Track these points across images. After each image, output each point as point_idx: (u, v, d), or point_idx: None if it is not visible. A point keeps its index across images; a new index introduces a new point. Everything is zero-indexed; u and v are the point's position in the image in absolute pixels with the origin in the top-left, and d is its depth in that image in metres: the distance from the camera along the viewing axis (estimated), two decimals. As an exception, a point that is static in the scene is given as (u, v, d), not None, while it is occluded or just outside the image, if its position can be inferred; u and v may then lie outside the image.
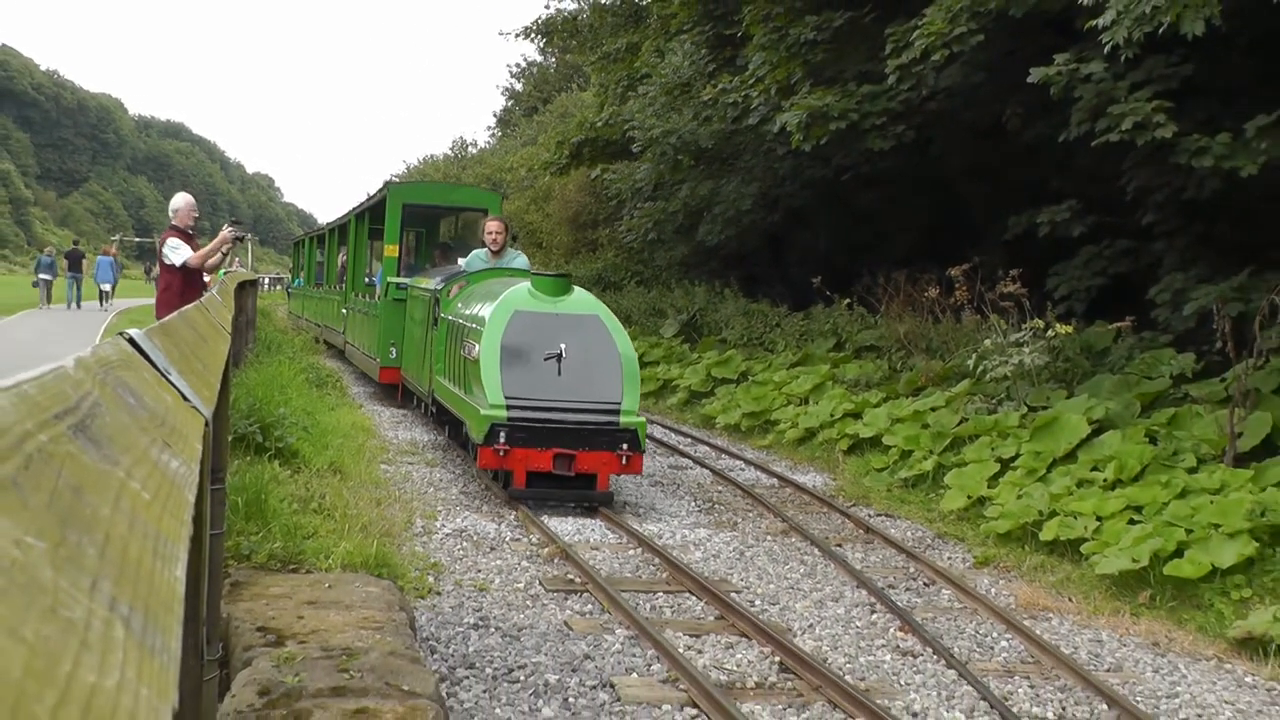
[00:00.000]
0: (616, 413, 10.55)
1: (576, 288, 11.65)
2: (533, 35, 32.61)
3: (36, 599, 0.67)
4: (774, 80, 17.07)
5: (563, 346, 10.53)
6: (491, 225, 14.69)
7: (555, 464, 10.36)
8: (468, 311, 12.09)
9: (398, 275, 17.63)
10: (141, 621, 0.83)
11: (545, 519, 9.95)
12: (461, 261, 15.06)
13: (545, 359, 10.55)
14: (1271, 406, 10.37)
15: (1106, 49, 10.19)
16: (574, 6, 30.48)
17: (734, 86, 18.62)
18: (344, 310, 22.85)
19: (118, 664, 0.72)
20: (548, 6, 32.81)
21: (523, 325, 10.75)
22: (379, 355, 17.43)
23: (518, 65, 69.04)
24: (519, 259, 14.44)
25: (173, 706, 0.77)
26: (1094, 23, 10.10)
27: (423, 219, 21.57)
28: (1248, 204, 12.41)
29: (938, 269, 15.62)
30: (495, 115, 68.38)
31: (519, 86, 64.52)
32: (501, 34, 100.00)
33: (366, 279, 22.02)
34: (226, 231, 13.16)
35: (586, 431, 10.44)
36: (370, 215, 21.24)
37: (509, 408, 10.36)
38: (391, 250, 18.27)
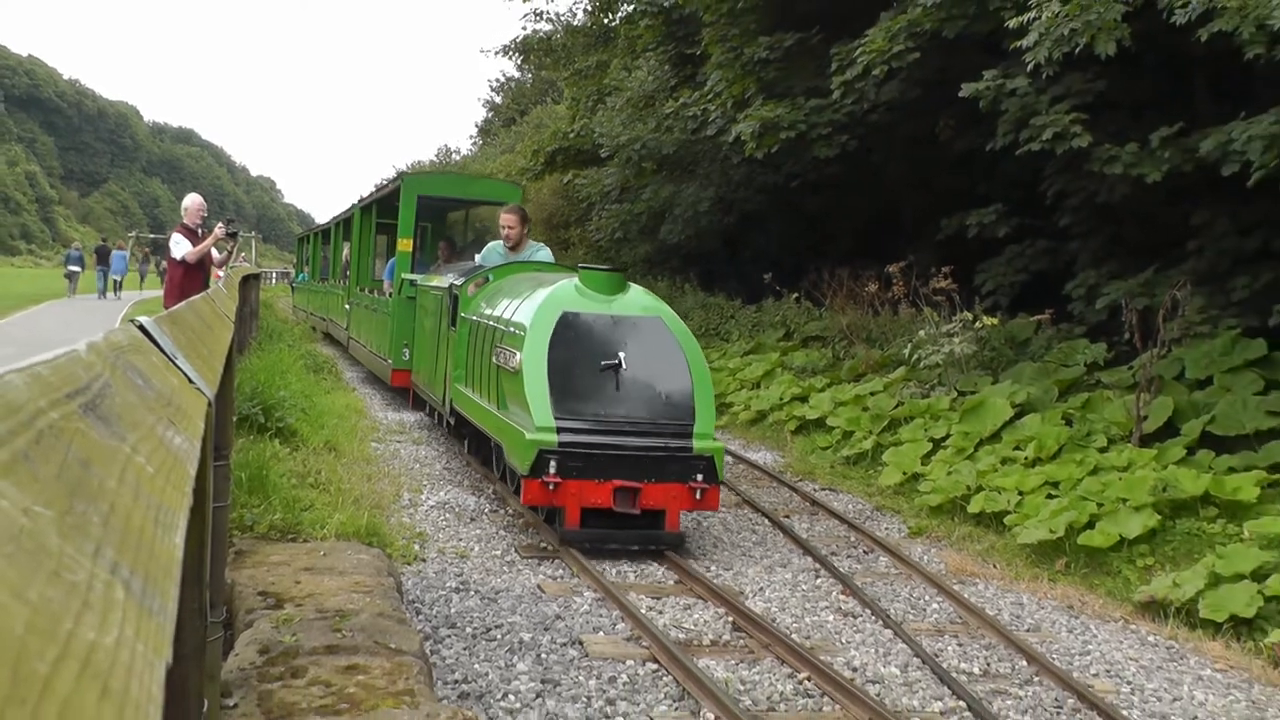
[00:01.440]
0: (689, 435, 8.12)
1: (632, 284, 9.13)
2: (511, 53, 32.56)
3: (42, 563, 0.66)
4: (730, 94, 17.08)
5: (621, 355, 8.19)
6: (506, 218, 11.84)
7: (616, 499, 7.94)
8: (496, 313, 9.56)
9: (411, 271, 14.80)
10: (141, 584, 0.82)
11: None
12: (476, 257, 12.66)
13: (601, 370, 8.20)
14: (1173, 392, 10.44)
15: (1029, 67, 10.23)
16: (549, 28, 30.35)
17: (693, 100, 18.64)
18: (347, 305, 20.17)
19: (117, 623, 0.71)
20: (525, 28, 32.59)
21: (572, 329, 8.40)
22: (391, 357, 14.71)
23: (497, 80, 68.65)
24: (541, 252, 11.84)
25: (167, 662, 0.77)
26: (1019, 43, 10.14)
27: (434, 213, 18.64)
28: (1153, 208, 12.49)
29: (877, 266, 15.68)
30: (477, 125, 68.16)
31: (499, 99, 64.24)
32: (482, 51, 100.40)
33: (374, 275, 19.31)
34: (219, 229, 13.16)
35: (653, 459, 8.03)
36: (379, 208, 18.53)
37: (560, 430, 7.95)
38: (405, 244, 15.33)
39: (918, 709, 5.58)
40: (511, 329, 8.79)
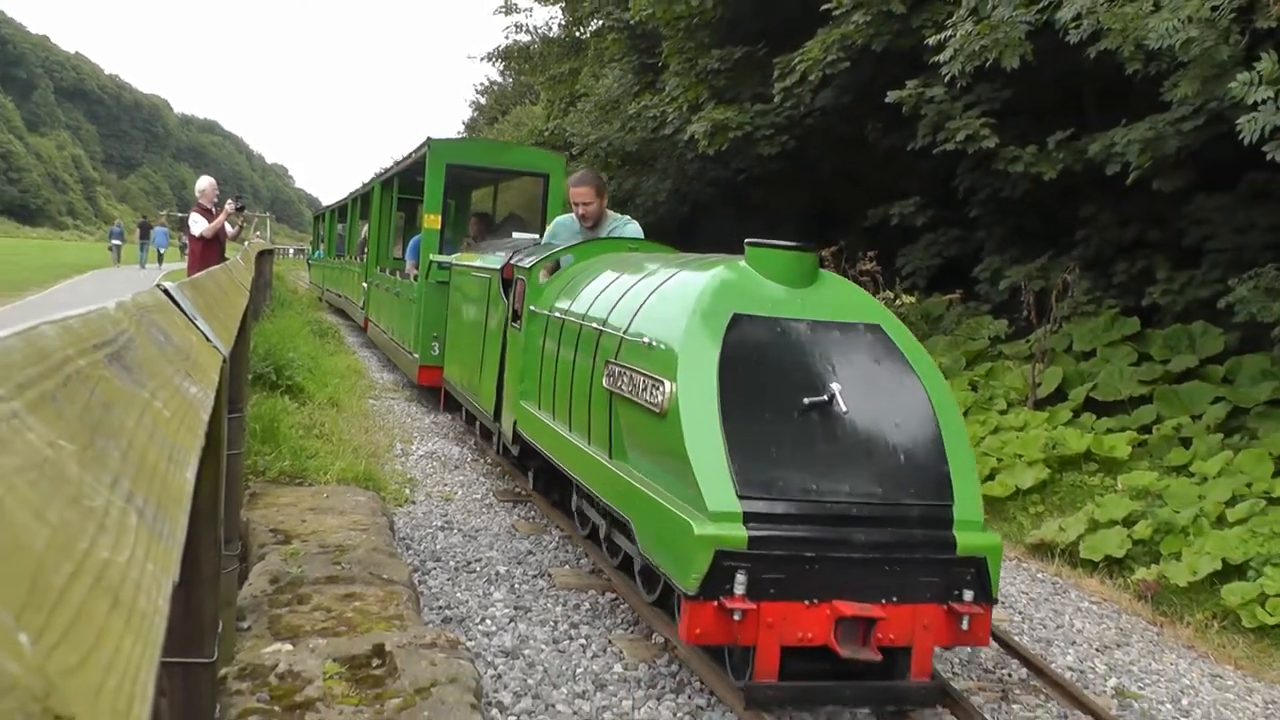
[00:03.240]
0: (947, 523, 4.46)
1: (825, 272, 5.33)
2: (495, 59, 32.33)
3: (62, 489, 0.65)
4: (685, 99, 17.03)
5: (836, 388, 4.48)
6: (578, 191, 8.19)
7: (840, 636, 4.24)
8: (594, 311, 5.90)
9: (439, 250, 11.37)
10: (153, 512, 0.81)
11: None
12: (519, 235, 9.69)
13: (802, 412, 4.50)
14: (1062, 363, 10.54)
15: (946, 78, 10.24)
16: (528, 38, 30.16)
17: (654, 104, 18.57)
18: (364, 284, 16.96)
19: (129, 544, 0.70)
20: (507, 37, 32.36)
21: (750, 344, 4.70)
22: (418, 350, 11.26)
23: (482, 84, 68.25)
24: (629, 227, 8.28)
25: (173, 580, 0.76)
26: (937, 57, 10.14)
27: (462, 185, 14.35)
28: (1048, 202, 12.57)
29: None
30: (463, 123, 67.39)
31: (483, 100, 63.64)
32: (469, 57, 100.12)
33: (392, 254, 16.55)
34: (229, 205, 13.19)
35: (894, 565, 4.38)
36: (400, 181, 15.10)
37: (749, 520, 4.25)
38: (433, 220, 11.66)
39: (840, 632, 5.60)
40: (644, 340, 4.96)
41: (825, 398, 4.46)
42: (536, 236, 9.43)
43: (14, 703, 0.46)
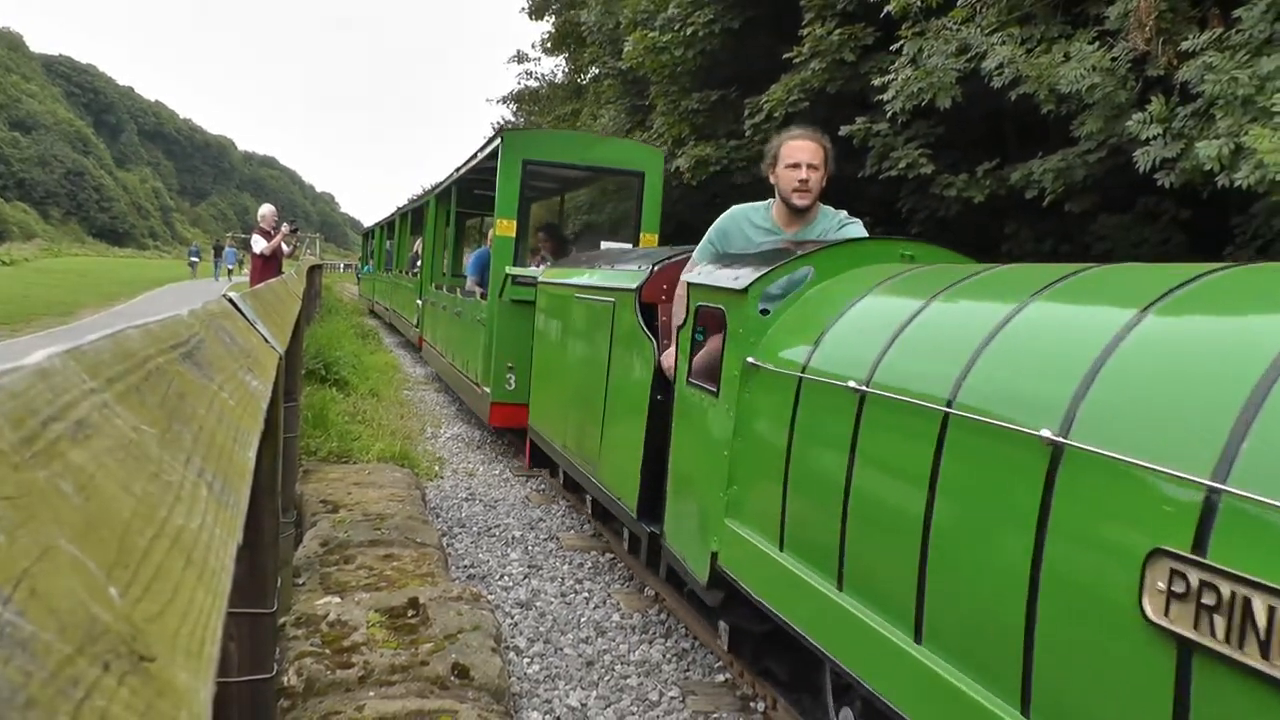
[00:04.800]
0: None
1: None
2: (508, 102, 32.51)
3: (145, 466, 0.66)
4: (670, 135, 17.04)
5: None
6: (797, 146, 4.35)
7: None
8: (1012, 401, 2.11)
9: (514, 263, 7.98)
10: (220, 485, 0.82)
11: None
12: (608, 245, 7.77)
13: None
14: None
15: (889, 115, 10.25)
16: (536, 84, 30.25)
17: (644, 139, 18.59)
18: (419, 301, 13.72)
19: (201, 512, 0.71)
20: (519, 83, 32.47)
21: None
22: (490, 384, 7.81)
23: (498, 123, 68.12)
24: (852, 226, 4.50)
25: (237, 542, 0.76)
26: (881, 98, 10.16)
27: (536, 186, 10.05)
28: (977, 221, 12.59)
29: (777, 263, 15.66)
30: (483, 157, 67.33)
31: (499, 137, 63.63)
32: (488, 100, 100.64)
33: (448, 270, 13.31)
34: (285, 228, 13.23)
35: None
36: (457, 192, 11.44)
37: None
38: (508, 226, 7.99)
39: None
40: None
41: None
42: (629, 246, 6.83)
43: (105, 646, 0.46)
